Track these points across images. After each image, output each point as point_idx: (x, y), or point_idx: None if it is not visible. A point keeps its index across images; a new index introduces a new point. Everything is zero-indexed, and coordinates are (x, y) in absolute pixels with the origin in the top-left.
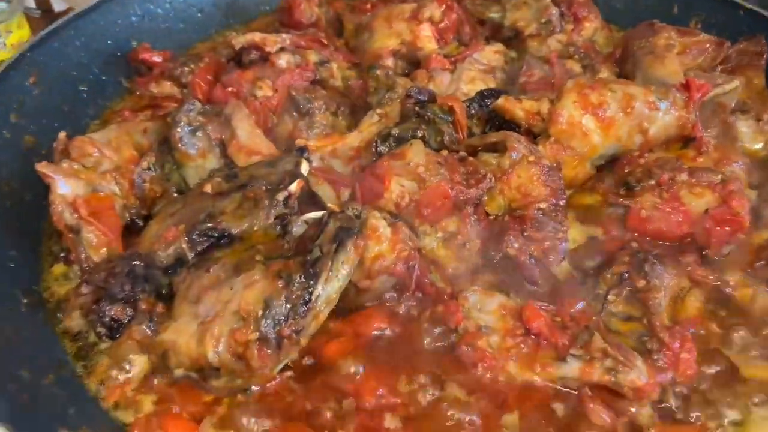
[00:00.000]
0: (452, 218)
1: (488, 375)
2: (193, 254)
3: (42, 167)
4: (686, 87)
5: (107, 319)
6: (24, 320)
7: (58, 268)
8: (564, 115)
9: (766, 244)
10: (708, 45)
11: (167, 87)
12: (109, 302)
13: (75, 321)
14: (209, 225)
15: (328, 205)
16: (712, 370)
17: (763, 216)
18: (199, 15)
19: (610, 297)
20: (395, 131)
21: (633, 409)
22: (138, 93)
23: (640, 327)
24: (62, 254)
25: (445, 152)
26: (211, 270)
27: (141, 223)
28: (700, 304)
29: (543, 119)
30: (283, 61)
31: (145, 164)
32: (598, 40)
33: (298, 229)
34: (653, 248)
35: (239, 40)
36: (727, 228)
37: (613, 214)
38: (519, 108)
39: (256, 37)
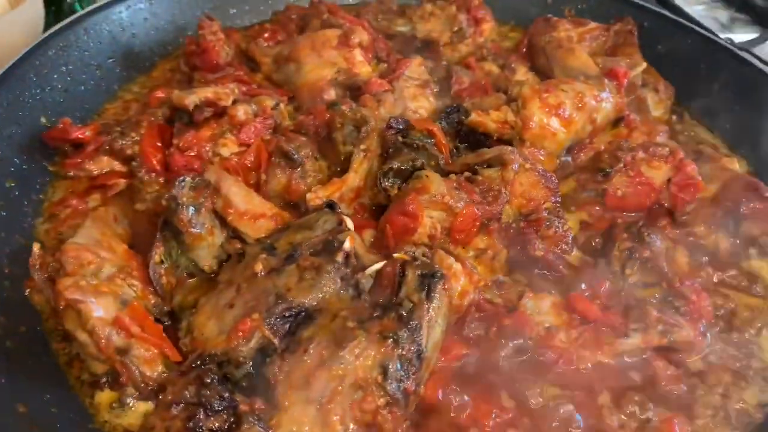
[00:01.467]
0: (480, 236)
1: (568, 368)
2: (278, 339)
3: (71, 293)
4: (614, 75)
5: None
6: None
7: (104, 397)
8: (535, 120)
9: (714, 196)
10: (597, 31)
11: (105, 162)
12: (207, 415)
13: None
14: (283, 306)
15: (395, 255)
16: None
17: None
18: (98, 73)
19: (627, 271)
20: (395, 165)
21: (688, 360)
22: (72, 175)
23: (659, 290)
24: (103, 380)
25: (453, 177)
26: (309, 350)
27: (166, 322)
28: (687, 258)
29: (511, 127)
30: (241, 113)
31: (157, 258)
32: (494, 38)
33: (366, 284)
34: (635, 220)
35: (192, 99)
36: (688, 191)
37: (588, 197)
38: (490, 120)
39: (209, 92)
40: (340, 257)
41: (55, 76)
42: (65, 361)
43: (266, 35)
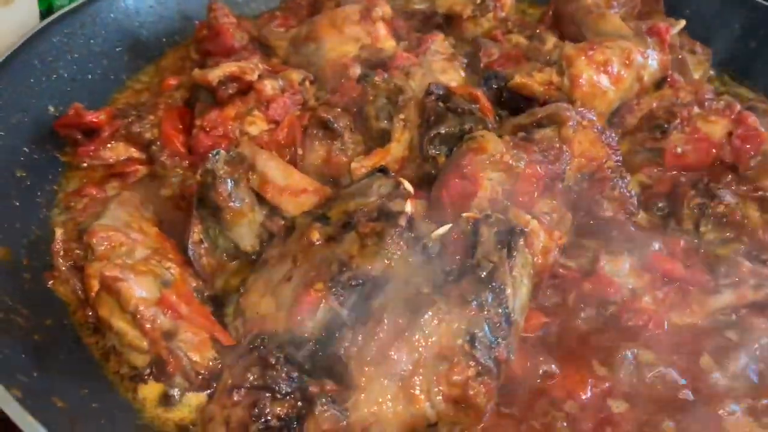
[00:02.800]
0: (544, 198)
1: (658, 331)
2: (345, 311)
3: (110, 270)
4: (655, 32)
5: (275, 422)
6: None
7: (149, 390)
8: (584, 77)
9: None
10: None
11: (122, 149)
12: (272, 400)
13: None
14: (348, 274)
15: (464, 214)
16: None
17: None
18: (105, 61)
19: (702, 228)
20: (442, 130)
21: None
22: (86, 164)
23: (740, 244)
24: (147, 372)
25: (507, 137)
26: (384, 321)
27: (211, 308)
28: (758, 212)
29: (558, 88)
30: (269, 87)
31: (196, 236)
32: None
33: (434, 249)
34: (698, 178)
35: (216, 74)
36: (753, 142)
37: (645, 158)
38: (534, 82)
39: (233, 67)
40: (402, 221)
41: (61, 63)
42: (100, 355)
43: (277, 22)
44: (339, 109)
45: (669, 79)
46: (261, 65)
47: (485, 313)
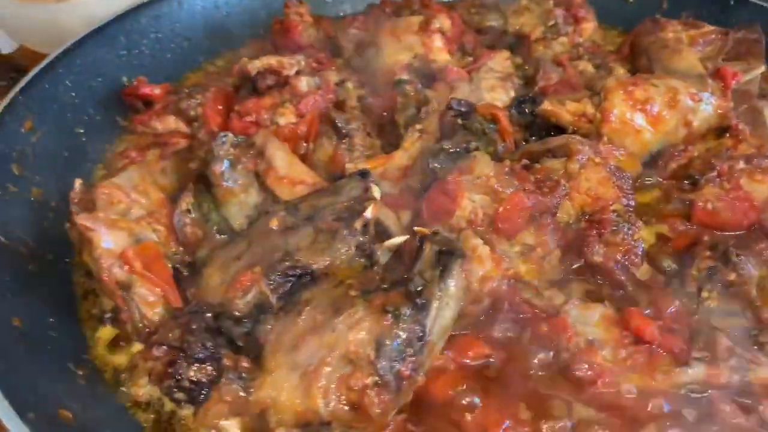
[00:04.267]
0: (529, 230)
1: (610, 390)
2: (276, 298)
3: (83, 219)
4: (720, 75)
5: (186, 383)
6: (86, 395)
7: (105, 332)
8: (615, 113)
9: None
10: (714, 35)
11: (171, 122)
12: (187, 363)
13: (143, 389)
14: (288, 264)
15: (416, 228)
16: None
17: None
18: (186, 44)
19: (704, 294)
20: (447, 145)
21: (761, 407)
22: (139, 131)
23: (743, 322)
24: (107, 316)
25: (508, 162)
26: (304, 313)
27: (185, 272)
28: None
29: (590, 120)
30: (304, 83)
31: (184, 206)
32: (595, 40)
33: (382, 257)
34: (725, 240)
35: (255, 65)
36: None
37: (674, 209)
38: (565, 111)
39: (273, 60)
40: (358, 224)
41: (145, 41)
42: (82, 293)
43: (357, 24)
44: (358, 113)
45: (732, 128)
46: (303, 62)
47: (400, 326)
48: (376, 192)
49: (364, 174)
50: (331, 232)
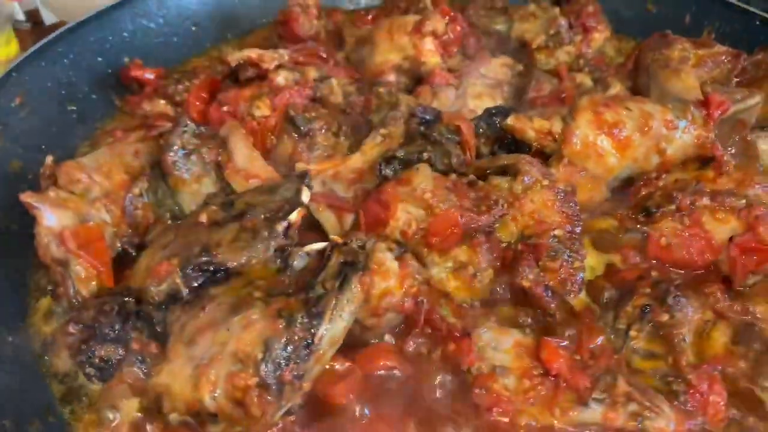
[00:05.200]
0: (462, 247)
1: (505, 420)
2: (187, 290)
3: (26, 197)
4: (705, 103)
5: (97, 360)
6: (10, 361)
7: (45, 303)
8: (578, 135)
9: None
10: (724, 57)
11: (160, 105)
12: (98, 342)
13: (63, 361)
14: (204, 259)
15: (331, 236)
16: (743, 414)
17: None
18: (193, 28)
19: (632, 333)
20: (400, 153)
21: None
22: (129, 112)
23: (663, 365)
24: (50, 288)
25: (453, 176)
26: (206, 308)
27: (134, 253)
28: (727, 339)
29: (555, 139)
30: (281, 78)
31: (136, 190)
32: (607, 51)
33: (299, 261)
34: (675, 277)
35: (235, 57)
36: (753, 257)
37: (631, 239)
38: (530, 128)
39: (253, 53)
40: (280, 227)
41: (152, 25)
42: (36, 263)
43: (369, 18)
44: (324, 111)
45: (717, 160)
46: (286, 56)
47: (291, 332)
48: (305, 196)
49: (302, 175)
50: (253, 231)
